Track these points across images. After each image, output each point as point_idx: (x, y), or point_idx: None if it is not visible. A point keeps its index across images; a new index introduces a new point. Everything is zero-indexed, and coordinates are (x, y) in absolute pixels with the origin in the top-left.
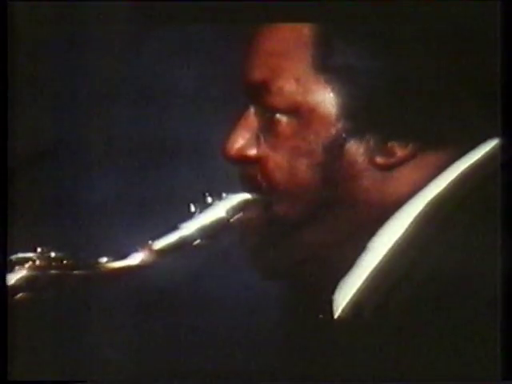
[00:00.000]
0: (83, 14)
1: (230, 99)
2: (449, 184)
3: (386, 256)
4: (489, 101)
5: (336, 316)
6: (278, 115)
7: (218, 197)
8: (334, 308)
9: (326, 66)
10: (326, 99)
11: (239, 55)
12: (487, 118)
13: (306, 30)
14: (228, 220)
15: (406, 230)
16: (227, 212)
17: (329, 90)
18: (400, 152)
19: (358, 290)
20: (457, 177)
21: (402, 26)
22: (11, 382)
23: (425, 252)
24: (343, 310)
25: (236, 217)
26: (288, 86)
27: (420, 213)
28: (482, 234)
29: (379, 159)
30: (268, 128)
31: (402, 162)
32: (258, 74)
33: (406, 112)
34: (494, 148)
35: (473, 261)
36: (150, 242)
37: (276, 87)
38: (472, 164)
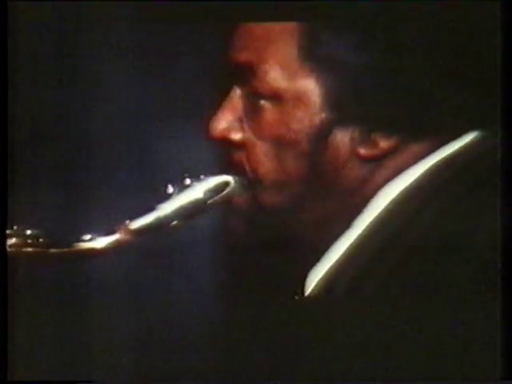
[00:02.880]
0: (83, 13)
1: (215, 79)
2: (422, 175)
3: (356, 240)
4: (470, 94)
5: (306, 294)
6: (262, 101)
7: (196, 178)
8: (306, 288)
9: (313, 56)
10: (311, 88)
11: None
12: (467, 111)
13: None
14: (205, 202)
15: (377, 216)
16: (205, 194)
17: (314, 79)
18: (383, 144)
19: (327, 271)
20: (431, 167)
21: (390, 20)
22: (11, 382)
23: (394, 238)
24: (313, 289)
25: (214, 199)
26: (273, 72)
27: (393, 200)
28: (456, 218)
29: (362, 150)
30: (252, 113)
31: (385, 154)
32: (243, 55)
33: (389, 104)
34: (472, 140)
35: (445, 245)
36: (127, 221)
37: (261, 72)
38: (449, 155)
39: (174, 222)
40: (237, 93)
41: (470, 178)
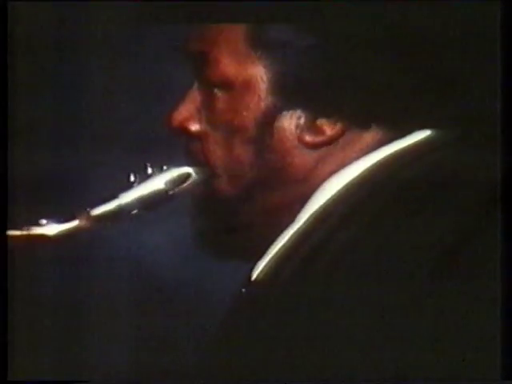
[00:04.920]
0: (83, 13)
1: (177, 71)
2: (369, 168)
3: (299, 229)
4: (427, 93)
5: (253, 279)
6: (215, 90)
7: (158, 169)
8: (253, 275)
9: (261, 41)
10: (259, 74)
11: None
12: (422, 109)
13: None
14: (167, 192)
15: (322, 206)
16: (166, 184)
17: (262, 65)
18: (329, 130)
19: (272, 258)
20: (378, 161)
21: (339, 7)
22: (11, 382)
23: (338, 230)
24: (259, 274)
25: (175, 189)
26: (222, 59)
27: (338, 192)
28: (395, 218)
29: (308, 137)
30: (208, 103)
31: (330, 141)
32: (198, 46)
33: (335, 91)
34: (423, 139)
35: (387, 241)
36: (87, 208)
37: (213, 60)
38: (398, 151)
39: (135, 211)
40: (195, 85)
41: (413, 175)
